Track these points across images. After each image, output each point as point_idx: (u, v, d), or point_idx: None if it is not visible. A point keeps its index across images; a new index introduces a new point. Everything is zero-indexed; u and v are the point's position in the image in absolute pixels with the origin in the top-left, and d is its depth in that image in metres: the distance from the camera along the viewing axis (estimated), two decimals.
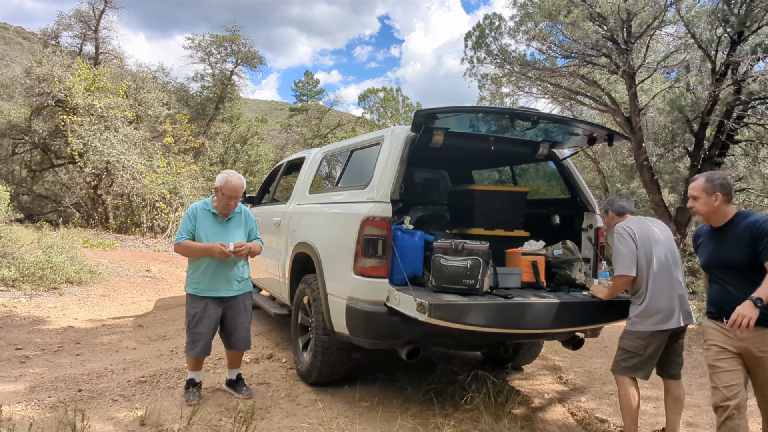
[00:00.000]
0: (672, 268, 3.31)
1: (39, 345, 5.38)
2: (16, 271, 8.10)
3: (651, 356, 3.28)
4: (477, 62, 10.24)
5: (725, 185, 2.96)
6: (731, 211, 2.96)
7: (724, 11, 7.29)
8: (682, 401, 3.41)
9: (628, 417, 3.27)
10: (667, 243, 3.37)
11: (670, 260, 3.33)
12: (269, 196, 6.56)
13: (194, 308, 3.81)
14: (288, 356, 4.91)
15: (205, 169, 21.57)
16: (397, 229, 3.64)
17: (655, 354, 3.30)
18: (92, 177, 16.18)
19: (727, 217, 2.95)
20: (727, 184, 2.97)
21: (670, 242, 3.41)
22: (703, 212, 3.01)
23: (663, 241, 3.36)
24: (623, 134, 4.07)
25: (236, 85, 26.71)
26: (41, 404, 3.68)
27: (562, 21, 8.51)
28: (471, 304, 3.13)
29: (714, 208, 2.96)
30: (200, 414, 3.54)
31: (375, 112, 31.91)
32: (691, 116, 8.19)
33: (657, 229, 3.41)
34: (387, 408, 3.79)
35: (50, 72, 16.18)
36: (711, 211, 2.98)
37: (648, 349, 3.23)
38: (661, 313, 3.21)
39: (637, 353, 3.26)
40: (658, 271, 3.26)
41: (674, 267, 3.34)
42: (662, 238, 3.36)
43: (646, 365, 3.28)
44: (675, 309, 3.23)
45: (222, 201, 3.83)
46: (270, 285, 5.65)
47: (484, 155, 4.84)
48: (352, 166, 4.36)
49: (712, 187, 2.95)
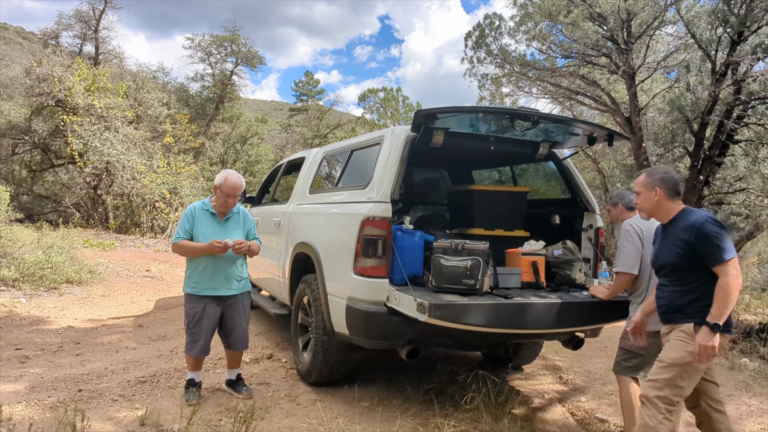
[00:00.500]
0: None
1: (39, 345, 5.38)
2: (16, 271, 8.10)
3: (652, 356, 3.27)
4: (477, 62, 10.24)
5: (666, 179, 2.82)
6: (676, 207, 2.81)
7: (724, 11, 7.29)
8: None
9: (628, 417, 3.27)
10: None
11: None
12: (269, 196, 6.56)
13: (193, 308, 3.81)
14: (288, 356, 4.90)
15: (205, 169, 21.57)
16: (397, 229, 3.64)
17: (656, 354, 3.29)
18: (92, 177, 16.19)
19: (671, 214, 2.81)
20: (668, 179, 2.83)
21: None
22: (645, 208, 2.92)
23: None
24: (623, 134, 4.07)
25: (236, 85, 26.74)
26: (41, 404, 3.68)
27: (562, 21, 8.51)
28: (471, 304, 3.13)
29: (655, 203, 2.84)
30: (200, 414, 3.54)
31: (375, 112, 31.96)
32: (691, 116, 8.19)
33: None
34: (387, 408, 3.79)
35: (50, 72, 16.18)
36: (652, 207, 2.87)
37: (649, 349, 3.21)
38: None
39: (638, 353, 3.25)
40: None
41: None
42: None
43: (647, 365, 3.25)
44: None
45: (221, 199, 3.83)
46: (270, 285, 5.65)
47: (484, 155, 4.84)
48: (352, 166, 4.36)
49: (652, 182, 2.85)
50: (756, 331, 5.96)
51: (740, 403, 4.28)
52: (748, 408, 4.19)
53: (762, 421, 3.93)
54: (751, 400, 4.36)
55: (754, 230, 10.04)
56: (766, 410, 4.14)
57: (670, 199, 2.81)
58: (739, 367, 5.15)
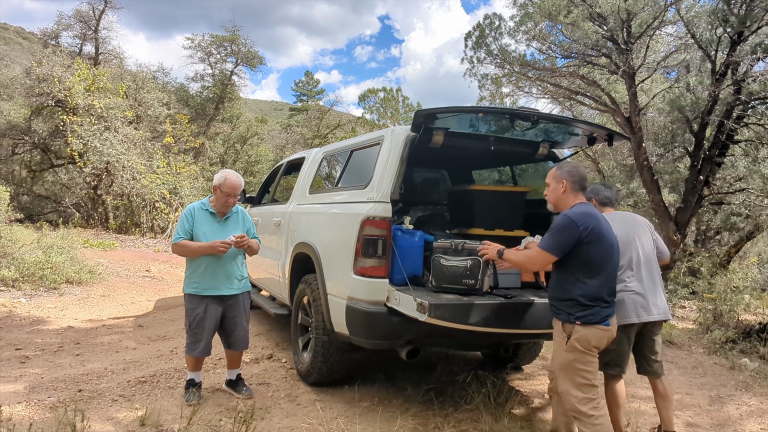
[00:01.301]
0: (642, 266, 3.34)
1: (39, 345, 5.38)
2: (16, 271, 8.10)
3: (624, 351, 3.32)
4: (477, 62, 10.22)
5: (573, 173, 2.90)
6: (575, 201, 2.90)
7: (724, 11, 7.28)
8: (669, 397, 3.42)
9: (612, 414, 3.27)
10: (642, 241, 3.40)
11: (642, 258, 3.34)
12: (269, 196, 6.56)
13: (195, 308, 3.81)
14: (288, 356, 4.90)
15: (204, 169, 21.57)
16: (397, 229, 3.64)
17: (627, 349, 3.33)
18: (92, 177, 16.19)
19: (569, 207, 2.90)
20: (575, 172, 2.91)
21: (646, 240, 3.43)
22: (552, 200, 3.00)
23: (640, 238, 3.41)
24: (623, 134, 4.06)
25: (236, 85, 26.75)
26: (41, 404, 3.68)
27: (562, 21, 8.51)
28: (471, 304, 3.14)
29: (560, 196, 2.93)
30: (200, 414, 3.54)
31: (375, 113, 31.95)
32: (691, 116, 8.18)
33: (634, 227, 3.45)
34: (387, 408, 3.79)
35: (50, 72, 16.18)
36: (557, 200, 2.95)
37: (619, 343, 3.23)
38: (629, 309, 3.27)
39: (609, 348, 3.24)
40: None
41: (645, 265, 3.35)
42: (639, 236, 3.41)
43: (621, 360, 3.31)
44: (646, 304, 3.28)
45: (221, 199, 3.83)
46: (270, 285, 5.65)
47: (484, 155, 4.84)
48: (352, 166, 4.36)
49: (560, 174, 2.93)
50: (756, 331, 5.96)
51: (740, 403, 4.28)
52: (748, 408, 4.19)
53: (762, 421, 3.93)
54: (751, 400, 4.36)
55: (754, 230, 10.03)
56: (766, 410, 4.14)
57: (574, 193, 2.91)
58: (739, 367, 5.15)
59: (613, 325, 2.82)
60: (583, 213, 2.79)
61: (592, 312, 2.72)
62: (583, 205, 2.88)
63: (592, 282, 2.74)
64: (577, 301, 2.74)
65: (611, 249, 2.81)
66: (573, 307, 2.75)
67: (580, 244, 2.73)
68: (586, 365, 2.76)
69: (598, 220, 2.79)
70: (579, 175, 2.92)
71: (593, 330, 2.73)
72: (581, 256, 2.74)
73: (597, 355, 2.81)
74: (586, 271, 2.75)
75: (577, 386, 2.76)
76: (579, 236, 2.72)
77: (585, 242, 2.73)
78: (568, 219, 2.76)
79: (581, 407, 2.73)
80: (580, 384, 2.76)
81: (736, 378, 4.90)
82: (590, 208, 2.87)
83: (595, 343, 2.76)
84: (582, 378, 2.76)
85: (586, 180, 2.97)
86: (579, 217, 2.75)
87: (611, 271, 2.81)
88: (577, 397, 2.76)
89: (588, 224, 2.74)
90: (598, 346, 2.78)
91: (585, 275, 2.74)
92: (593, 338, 2.74)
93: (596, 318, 2.73)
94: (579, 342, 2.73)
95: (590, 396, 2.75)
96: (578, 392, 2.76)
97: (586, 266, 2.75)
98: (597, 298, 2.74)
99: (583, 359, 2.75)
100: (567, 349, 2.77)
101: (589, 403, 2.74)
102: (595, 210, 2.89)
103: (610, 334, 2.81)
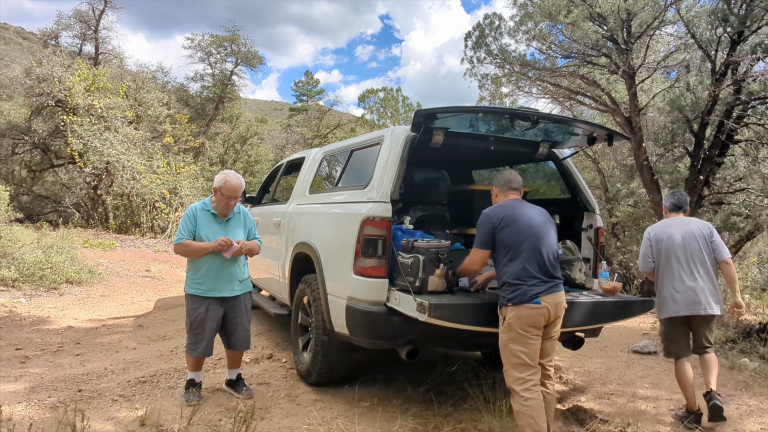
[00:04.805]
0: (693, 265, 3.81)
1: (39, 345, 5.38)
2: (16, 271, 8.11)
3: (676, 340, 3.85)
4: (477, 62, 10.22)
5: (499, 179, 3.29)
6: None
7: (724, 11, 7.28)
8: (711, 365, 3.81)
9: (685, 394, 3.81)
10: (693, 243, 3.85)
11: (687, 254, 3.82)
12: (269, 196, 6.56)
13: (196, 309, 3.80)
14: (288, 356, 4.90)
15: (204, 169, 21.57)
16: (397, 229, 3.64)
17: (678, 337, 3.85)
18: (92, 177, 16.19)
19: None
20: (500, 178, 3.28)
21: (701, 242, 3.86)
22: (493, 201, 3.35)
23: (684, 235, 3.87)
24: (623, 134, 4.07)
25: (236, 85, 26.74)
26: (41, 404, 3.68)
27: (562, 21, 8.50)
28: (471, 304, 3.14)
29: (495, 200, 3.32)
30: (200, 414, 3.54)
31: (375, 113, 31.93)
32: (691, 116, 8.18)
33: (678, 228, 3.91)
34: (387, 408, 3.79)
35: (50, 72, 16.18)
36: (495, 204, 3.28)
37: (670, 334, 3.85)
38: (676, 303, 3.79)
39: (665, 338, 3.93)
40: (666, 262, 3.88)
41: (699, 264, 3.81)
42: (684, 234, 3.86)
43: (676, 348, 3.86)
44: (691, 299, 3.75)
45: (222, 201, 3.82)
46: (270, 285, 5.65)
47: (484, 155, 4.84)
48: (352, 166, 4.36)
49: (492, 184, 3.37)
50: (756, 331, 5.96)
51: (740, 403, 4.28)
52: (748, 408, 4.19)
53: (762, 421, 3.93)
54: (751, 400, 4.35)
55: (754, 230, 10.02)
56: (766, 410, 4.14)
57: (503, 194, 3.26)
58: (739, 367, 5.15)
59: (547, 303, 2.94)
60: (498, 206, 3.15)
61: (520, 292, 2.92)
62: (503, 201, 3.21)
63: (514, 264, 2.98)
64: (507, 284, 2.98)
65: (529, 230, 3.04)
66: (504, 290, 2.99)
67: (496, 231, 3.04)
68: (521, 345, 2.93)
69: (512, 210, 3.09)
70: (503, 179, 3.28)
71: (524, 309, 2.91)
72: (500, 242, 3.04)
73: (536, 335, 2.95)
74: (507, 255, 3.02)
75: (513, 366, 2.95)
76: (493, 225, 3.04)
77: (500, 228, 3.03)
78: (483, 214, 3.13)
79: (515, 386, 2.93)
80: (516, 363, 2.94)
81: (735, 378, 4.90)
82: (508, 202, 3.18)
83: (528, 321, 2.92)
84: (516, 358, 2.94)
85: (513, 180, 3.27)
86: (492, 210, 3.12)
87: (532, 251, 3.00)
88: (512, 377, 2.95)
89: (500, 214, 3.07)
90: (534, 325, 2.93)
91: (508, 259, 3.01)
92: (525, 317, 2.91)
93: (524, 297, 2.91)
94: (512, 322, 2.93)
95: (525, 376, 2.92)
96: (514, 372, 2.95)
97: (506, 250, 3.02)
98: (522, 277, 2.95)
99: (518, 339, 2.93)
100: (503, 330, 2.98)
101: (523, 384, 2.92)
102: (513, 202, 3.17)
103: (544, 311, 2.94)
